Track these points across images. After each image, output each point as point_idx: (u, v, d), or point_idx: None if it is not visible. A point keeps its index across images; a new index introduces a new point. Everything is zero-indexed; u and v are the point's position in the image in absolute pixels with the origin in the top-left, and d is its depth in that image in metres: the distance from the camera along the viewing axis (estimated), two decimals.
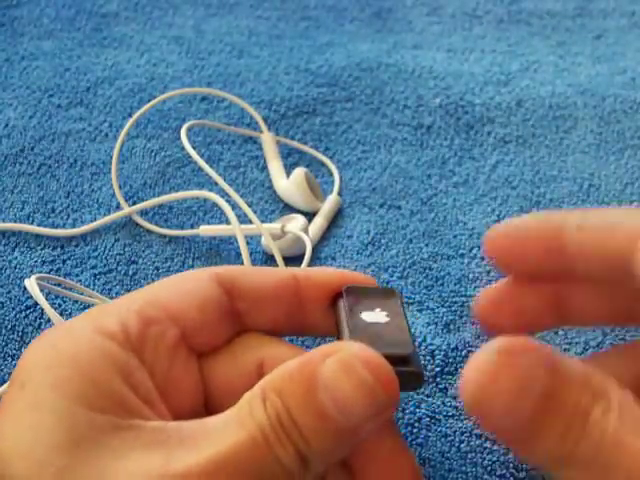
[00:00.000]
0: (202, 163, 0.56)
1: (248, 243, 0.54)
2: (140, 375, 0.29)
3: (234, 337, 0.34)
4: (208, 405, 0.33)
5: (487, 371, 0.25)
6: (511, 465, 0.42)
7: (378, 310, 0.33)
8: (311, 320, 0.35)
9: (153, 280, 0.54)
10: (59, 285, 0.50)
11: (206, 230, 0.56)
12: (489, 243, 0.34)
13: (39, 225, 0.58)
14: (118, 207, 0.60)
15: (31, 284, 0.46)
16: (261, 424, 0.27)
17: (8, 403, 0.28)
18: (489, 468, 0.42)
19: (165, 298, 0.32)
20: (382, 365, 0.28)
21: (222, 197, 0.54)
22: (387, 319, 0.33)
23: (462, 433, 0.44)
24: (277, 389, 0.28)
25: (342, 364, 0.27)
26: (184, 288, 0.33)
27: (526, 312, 0.34)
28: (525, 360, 0.25)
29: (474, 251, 0.56)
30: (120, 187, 0.61)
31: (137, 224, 0.58)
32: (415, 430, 0.44)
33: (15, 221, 0.58)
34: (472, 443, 0.44)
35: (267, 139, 0.64)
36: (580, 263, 0.32)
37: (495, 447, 0.44)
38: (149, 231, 0.58)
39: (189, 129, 0.61)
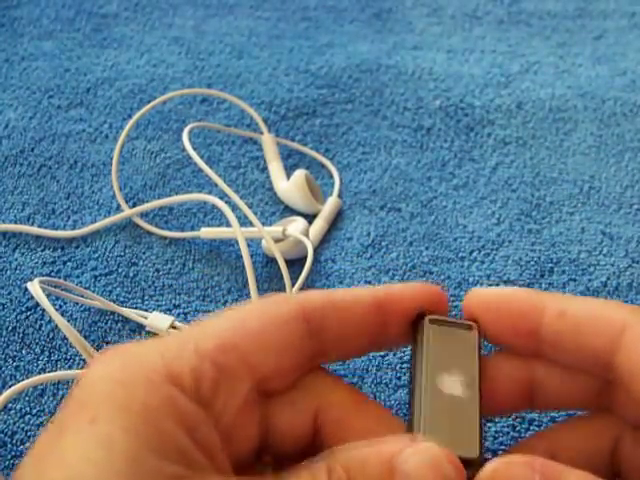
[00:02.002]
0: (204, 165, 0.56)
1: (249, 246, 0.54)
2: (206, 430, 0.28)
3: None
4: (261, 446, 0.33)
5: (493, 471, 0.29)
6: None
7: (456, 374, 0.33)
8: (391, 339, 0.35)
9: (153, 282, 0.54)
10: (60, 287, 0.50)
11: (207, 233, 0.56)
12: (468, 306, 0.35)
13: (39, 226, 0.58)
14: (118, 208, 0.60)
15: (34, 287, 0.46)
16: None
17: (75, 434, 0.27)
18: None
19: (243, 344, 0.30)
20: (461, 466, 0.29)
21: (222, 199, 0.54)
22: (462, 391, 0.33)
23: None
24: (346, 469, 0.28)
25: (428, 458, 0.29)
26: (266, 333, 0.31)
27: (497, 398, 0.34)
28: (520, 467, 0.29)
29: (474, 254, 0.56)
30: (120, 188, 0.61)
31: (137, 226, 0.58)
32: None
33: (15, 222, 0.58)
34: None
35: (267, 140, 0.64)
36: (555, 349, 0.33)
37: (490, 457, 0.44)
38: (149, 233, 0.58)
39: (190, 131, 0.62)
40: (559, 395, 0.34)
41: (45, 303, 0.45)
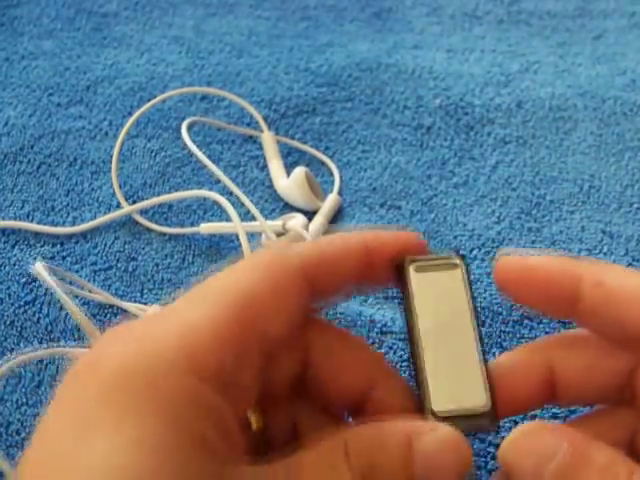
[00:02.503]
0: (203, 158, 0.56)
1: (248, 241, 0.54)
2: (229, 420, 0.28)
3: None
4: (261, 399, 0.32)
5: (518, 440, 0.30)
6: None
7: (449, 317, 0.33)
8: (377, 281, 0.35)
9: (153, 277, 0.54)
10: (61, 279, 0.50)
11: (207, 228, 0.56)
12: (501, 273, 0.34)
13: (39, 223, 0.58)
14: (118, 206, 0.59)
15: (38, 270, 0.46)
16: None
17: (103, 437, 0.25)
18: (494, 473, 0.42)
19: (256, 315, 0.29)
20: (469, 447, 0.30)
21: (222, 195, 0.54)
22: (459, 334, 0.33)
23: (466, 435, 0.44)
24: (366, 452, 0.29)
25: (447, 440, 0.29)
26: (275, 300, 0.30)
27: (518, 395, 0.34)
28: (550, 431, 0.30)
29: (474, 252, 0.56)
30: (120, 186, 0.61)
31: (137, 222, 0.58)
32: None
33: (15, 219, 0.58)
34: (476, 446, 0.44)
35: (267, 138, 0.64)
36: (592, 320, 0.32)
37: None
38: (149, 229, 0.58)
39: (190, 127, 0.61)
40: (581, 388, 0.33)
41: (50, 283, 0.45)
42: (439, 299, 0.33)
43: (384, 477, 0.29)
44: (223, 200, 0.53)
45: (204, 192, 0.55)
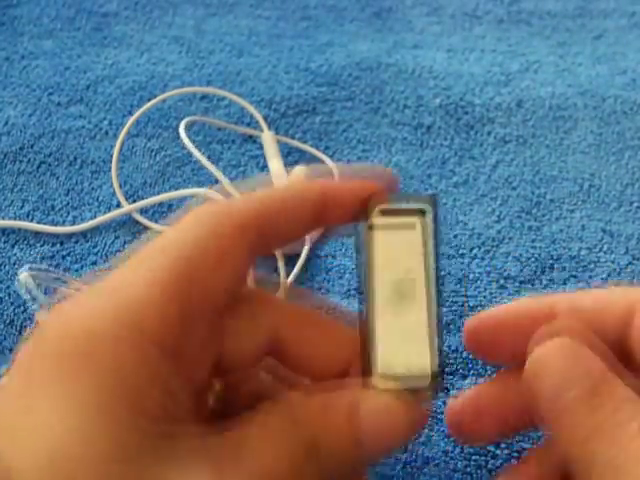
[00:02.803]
0: (200, 157, 0.56)
1: None
2: (175, 379, 0.28)
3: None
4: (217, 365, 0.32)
5: (547, 354, 0.30)
6: None
7: (406, 274, 0.32)
8: (332, 224, 0.34)
9: None
10: (56, 279, 0.50)
11: None
12: (471, 335, 0.34)
13: (39, 222, 0.58)
14: (118, 205, 0.59)
15: (24, 278, 0.46)
16: (294, 453, 0.28)
17: (48, 398, 0.26)
18: (493, 472, 0.42)
19: (202, 274, 0.29)
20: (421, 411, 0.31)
21: (222, 195, 0.54)
22: (415, 295, 0.32)
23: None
24: (311, 421, 0.29)
25: (389, 405, 0.30)
26: (221, 255, 0.29)
27: (508, 416, 0.34)
28: (582, 353, 0.29)
29: (474, 251, 0.56)
30: (120, 185, 0.61)
31: (137, 222, 0.58)
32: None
33: (15, 219, 0.58)
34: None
35: (267, 138, 0.64)
36: None
37: (499, 451, 0.44)
38: (149, 228, 0.58)
39: (189, 126, 0.62)
40: None
41: (35, 291, 0.45)
42: (398, 253, 0.32)
43: (329, 448, 0.29)
44: (221, 199, 0.53)
45: (203, 191, 0.55)
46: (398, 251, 0.32)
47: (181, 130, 0.60)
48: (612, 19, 0.80)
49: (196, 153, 0.57)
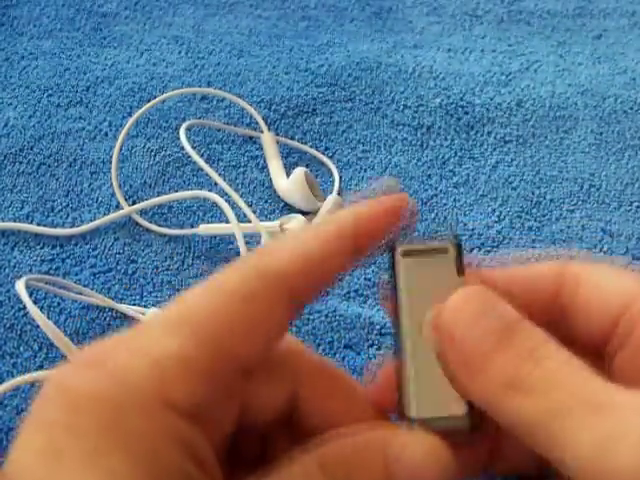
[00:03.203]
0: (200, 162, 0.56)
1: (248, 242, 0.54)
2: (204, 448, 0.27)
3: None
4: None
5: (454, 298, 0.29)
6: None
7: (433, 299, 0.32)
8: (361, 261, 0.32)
9: (152, 279, 0.54)
10: (57, 285, 0.50)
11: (205, 229, 0.56)
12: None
13: (38, 224, 0.58)
14: (118, 206, 0.59)
15: (20, 287, 0.46)
16: None
17: (77, 466, 0.25)
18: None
19: (233, 342, 0.27)
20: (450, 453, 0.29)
21: (222, 196, 0.54)
22: None
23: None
24: (342, 465, 0.28)
25: (426, 447, 0.28)
26: (254, 322, 0.28)
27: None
28: (489, 294, 0.29)
29: (475, 251, 0.56)
30: (120, 186, 0.61)
31: (137, 223, 0.58)
32: None
33: (14, 220, 0.58)
34: None
35: (267, 139, 0.64)
36: (574, 318, 0.32)
37: None
38: (148, 230, 0.58)
39: (189, 129, 0.61)
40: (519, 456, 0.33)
41: (29, 305, 0.45)
42: (427, 291, 0.31)
43: None
44: (221, 201, 0.53)
45: (203, 192, 0.55)
46: (430, 280, 0.31)
47: (182, 134, 0.60)
48: (612, 19, 0.80)
49: (196, 157, 0.57)
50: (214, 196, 0.54)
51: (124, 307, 0.51)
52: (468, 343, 0.28)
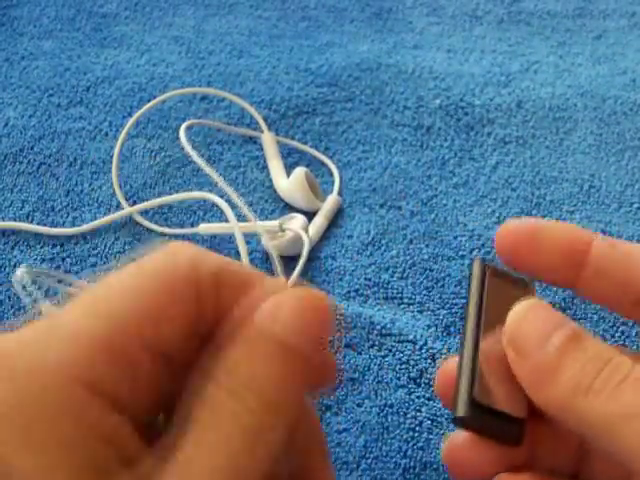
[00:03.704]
0: (200, 161, 0.56)
1: (248, 242, 0.54)
2: (120, 429, 0.26)
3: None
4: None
5: (524, 310, 0.31)
6: None
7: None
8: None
9: None
10: (56, 279, 0.50)
11: (205, 229, 0.56)
12: (505, 237, 0.34)
13: (39, 224, 0.58)
14: (118, 206, 0.59)
15: (21, 274, 0.46)
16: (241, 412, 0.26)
17: None
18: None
19: (138, 322, 0.28)
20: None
21: (222, 197, 0.54)
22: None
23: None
24: (242, 385, 0.27)
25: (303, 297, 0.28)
26: (159, 304, 0.28)
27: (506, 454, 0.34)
28: (556, 310, 0.30)
29: (475, 253, 0.56)
30: (120, 186, 0.61)
31: (137, 223, 0.58)
32: (416, 434, 0.44)
33: (15, 220, 0.58)
34: None
35: (267, 139, 0.64)
36: (600, 282, 0.33)
37: None
38: (149, 230, 0.58)
39: (189, 128, 0.62)
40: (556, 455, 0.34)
41: (29, 288, 0.45)
42: (504, 308, 0.33)
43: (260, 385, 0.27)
44: (221, 201, 0.53)
45: (203, 194, 0.56)
46: (503, 302, 0.33)
47: (181, 134, 0.60)
48: (612, 19, 0.80)
49: (196, 157, 0.57)
50: (214, 196, 0.54)
51: None
52: (541, 356, 0.29)
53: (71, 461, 0.25)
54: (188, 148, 0.58)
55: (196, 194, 0.58)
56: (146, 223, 0.58)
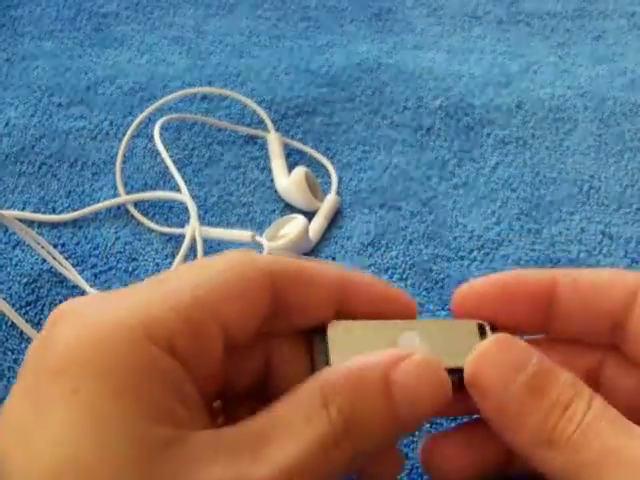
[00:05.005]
0: (167, 160, 0.57)
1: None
2: (185, 384, 0.28)
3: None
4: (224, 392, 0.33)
5: (487, 350, 0.30)
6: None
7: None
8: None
9: None
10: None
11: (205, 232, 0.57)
12: (462, 302, 0.35)
13: (40, 226, 0.58)
14: (119, 209, 0.60)
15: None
16: (324, 431, 0.27)
17: (59, 406, 0.26)
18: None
19: (215, 302, 0.30)
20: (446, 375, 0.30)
21: (222, 197, 0.54)
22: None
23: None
24: (344, 395, 0.28)
25: (421, 366, 0.30)
26: (236, 280, 0.30)
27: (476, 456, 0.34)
28: (521, 345, 0.30)
29: (474, 254, 0.56)
30: (123, 187, 0.61)
31: (139, 222, 0.58)
32: (415, 438, 0.44)
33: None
34: None
35: (273, 139, 0.64)
36: (569, 318, 0.33)
37: None
38: (150, 229, 0.58)
39: (191, 127, 0.62)
40: None
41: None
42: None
43: (367, 419, 0.28)
44: (190, 202, 0.54)
45: (173, 194, 0.57)
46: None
47: (155, 132, 0.60)
48: (612, 20, 0.80)
49: (165, 155, 0.58)
50: (183, 197, 0.55)
51: None
52: (503, 401, 0.30)
53: (135, 398, 0.26)
54: (160, 146, 0.59)
55: (168, 194, 0.58)
56: (147, 222, 0.58)
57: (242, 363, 0.33)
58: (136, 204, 0.59)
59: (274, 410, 0.28)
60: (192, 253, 0.56)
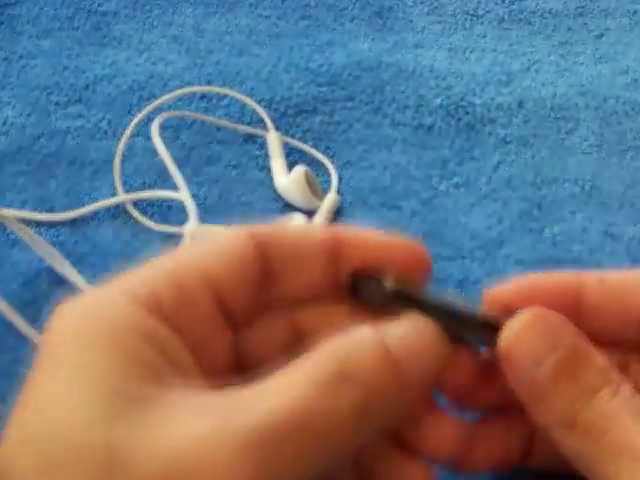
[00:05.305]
0: (167, 158, 0.57)
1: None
2: (173, 344, 0.28)
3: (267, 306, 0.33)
4: (240, 369, 0.32)
5: (522, 323, 0.30)
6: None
7: None
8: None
9: None
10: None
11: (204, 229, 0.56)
12: (495, 296, 0.35)
13: (38, 225, 0.58)
14: (118, 208, 0.59)
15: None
16: (322, 379, 0.27)
17: (44, 377, 0.27)
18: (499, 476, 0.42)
19: (199, 259, 0.31)
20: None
21: (222, 197, 0.54)
22: None
23: None
24: (340, 360, 0.28)
25: (422, 333, 0.31)
26: (219, 248, 0.32)
27: (496, 451, 0.34)
28: (557, 320, 0.30)
29: (475, 253, 0.56)
30: (122, 186, 0.61)
31: (137, 221, 0.58)
32: None
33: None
34: None
35: (272, 138, 0.64)
36: (598, 318, 0.33)
37: None
38: (149, 228, 0.58)
39: (190, 125, 0.61)
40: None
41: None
42: None
43: (370, 386, 0.28)
44: (189, 201, 0.54)
45: (171, 193, 0.57)
46: None
47: (153, 129, 0.60)
48: (614, 18, 0.80)
49: (163, 153, 0.57)
50: (181, 196, 0.55)
51: None
52: (533, 378, 0.30)
53: (118, 355, 0.27)
54: (159, 144, 0.58)
55: (167, 193, 0.58)
56: (146, 222, 0.58)
57: (260, 340, 0.33)
58: (135, 203, 0.59)
59: (266, 380, 0.28)
60: None
